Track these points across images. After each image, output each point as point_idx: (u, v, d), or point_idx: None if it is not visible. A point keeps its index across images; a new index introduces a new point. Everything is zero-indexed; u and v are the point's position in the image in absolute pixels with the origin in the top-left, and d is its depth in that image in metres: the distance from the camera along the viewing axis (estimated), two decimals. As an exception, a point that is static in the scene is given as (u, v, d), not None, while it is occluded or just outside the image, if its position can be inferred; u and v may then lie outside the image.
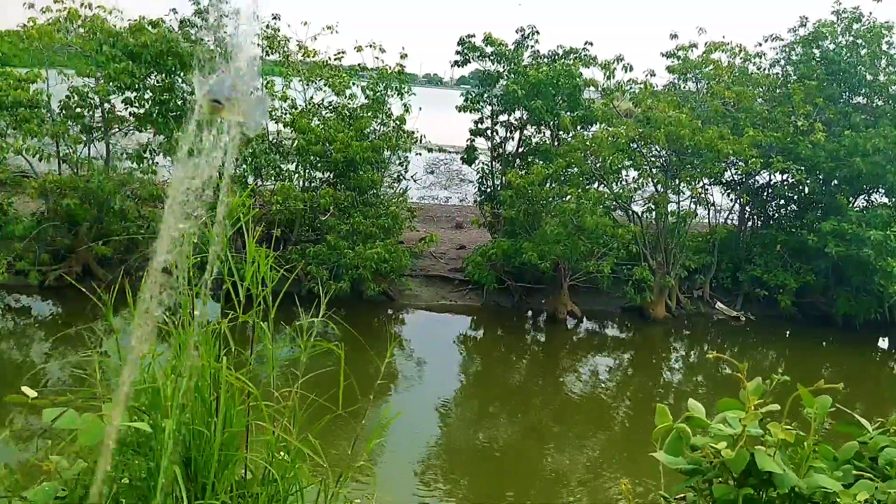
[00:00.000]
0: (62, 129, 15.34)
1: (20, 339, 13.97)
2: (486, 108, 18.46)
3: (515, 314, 17.54)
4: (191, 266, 2.30)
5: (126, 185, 16.15)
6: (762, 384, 2.04)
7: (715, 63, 17.38)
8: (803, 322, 17.99)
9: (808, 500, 1.94)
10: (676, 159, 16.82)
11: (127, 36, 15.65)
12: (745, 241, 19.37)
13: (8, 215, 15.84)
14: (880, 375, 16.39)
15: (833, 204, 17.22)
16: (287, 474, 2.32)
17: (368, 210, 16.17)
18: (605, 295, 17.35)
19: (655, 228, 17.25)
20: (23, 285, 15.38)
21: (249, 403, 2.31)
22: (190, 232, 1.26)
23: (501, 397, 13.21)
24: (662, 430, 2.04)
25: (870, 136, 16.56)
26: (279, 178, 16.75)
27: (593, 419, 12.79)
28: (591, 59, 17.52)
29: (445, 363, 14.37)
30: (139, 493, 2.14)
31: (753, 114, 17.08)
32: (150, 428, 2.06)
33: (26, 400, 2.10)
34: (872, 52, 17.74)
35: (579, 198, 15.76)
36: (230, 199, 2.33)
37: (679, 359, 16.68)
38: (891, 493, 1.92)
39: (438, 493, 9.79)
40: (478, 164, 18.97)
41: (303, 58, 17.72)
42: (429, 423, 11.63)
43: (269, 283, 2.35)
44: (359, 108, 16.91)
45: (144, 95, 16.09)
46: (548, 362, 15.58)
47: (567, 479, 10.54)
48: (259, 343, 2.41)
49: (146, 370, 2.18)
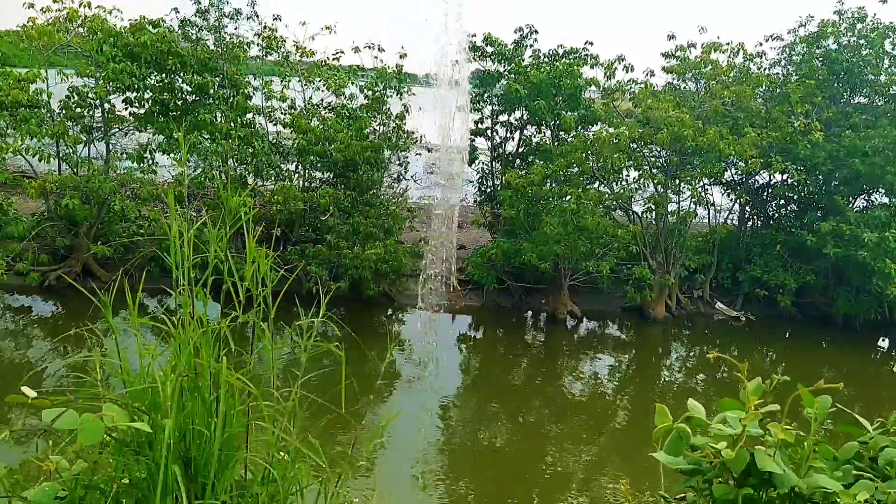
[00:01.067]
0: (62, 129, 15.34)
1: (20, 339, 13.97)
2: (487, 108, 18.47)
3: (515, 314, 17.54)
4: (191, 266, 2.31)
5: (126, 185, 16.16)
6: (762, 384, 2.04)
7: (714, 63, 17.38)
8: (803, 322, 17.99)
9: (808, 500, 1.94)
10: (677, 159, 16.82)
11: (127, 36, 15.65)
12: (745, 241, 19.37)
13: (8, 215, 15.85)
14: (880, 375, 16.39)
15: (833, 204, 17.21)
16: (287, 474, 2.32)
17: (368, 210, 16.17)
18: (605, 295, 17.36)
19: (655, 228, 17.25)
20: (23, 285, 15.39)
21: (249, 403, 2.31)
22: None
23: (501, 397, 13.21)
24: (662, 430, 2.04)
25: (869, 137, 16.55)
26: (279, 178, 16.76)
27: (593, 419, 12.79)
28: (593, 58, 17.51)
29: (445, 363, 14.37)
30: (139, 493, 2.14)
31: (752, 114, 17.07)
32: (149, 428, 2.06)
33: (26, 400, 2.10)
34: (875, 52, 17.73)
35: (579, 198, 15.76)
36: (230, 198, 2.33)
37: (679, 359, 16.68)
38: (891, 493, 1.92)
39: (438, 494, 9.79)
40: (478, 164, 18.97)
41: (301, 58, 17.72)
42: (429, 423, 11.64)
43: (269, 283, 2.35)
44: (358, 108, 16.91)
45: (144, 95, 16.09)
46: (548, 362, 15.58)
47: (567, 478, 10.54)
48: (259, 343, 2.41)
49: (146, 370, 2.18)
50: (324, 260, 15.56)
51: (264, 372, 2.44)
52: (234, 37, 16.69)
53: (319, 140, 16.22)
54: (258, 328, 2.37)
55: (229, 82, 16.20)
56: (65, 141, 15.72)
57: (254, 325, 2.37)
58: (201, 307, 2.28)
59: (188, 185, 14.49)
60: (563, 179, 16.42)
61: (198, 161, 15.53)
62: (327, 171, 17.04)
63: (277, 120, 17.09)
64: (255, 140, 16.05)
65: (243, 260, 2.33)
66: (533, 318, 17.65)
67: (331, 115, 17.02)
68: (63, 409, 1.99)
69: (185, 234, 2.26)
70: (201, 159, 15.47)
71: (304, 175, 17.52)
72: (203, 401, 2.19)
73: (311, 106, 17.41)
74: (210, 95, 16.10)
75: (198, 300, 2.28)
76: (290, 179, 17.00)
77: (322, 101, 17.52)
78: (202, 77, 15.60)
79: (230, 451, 2.22)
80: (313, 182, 17.52)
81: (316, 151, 16.25)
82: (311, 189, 17.16)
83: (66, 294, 15.34)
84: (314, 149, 16.19)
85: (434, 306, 16.25)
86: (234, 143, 15.67)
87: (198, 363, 2.19)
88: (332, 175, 17.05)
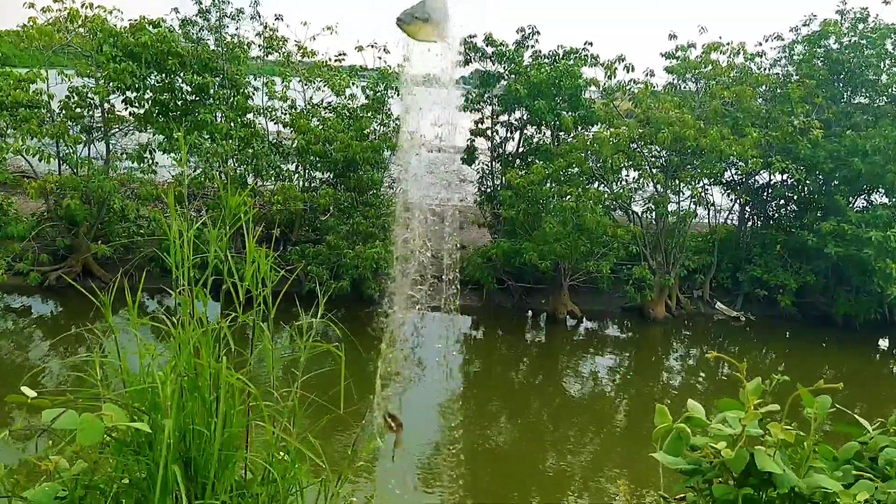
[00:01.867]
0: (62, 129, 15.34)
1: (20, 339, 13.97)
2: (487, 109, 18.46)
3: (515, 314, 17.53)
4: (191, 266, 2.31)
5: (126, 185, 16.16)
6: (762, 384, 2.04)
7: (714, 63, 17.37)
8: (803, 322, 17.98)
9: (808, 500, 1.94)
10: (677, 159, 16.82)
11: (127, 36, 15.65)
12: (745, 241, 19.37)
13: (8, 215, 15.85)
14: (880, 375, 16.39)
15: (833, 204, 17.21)
16: (287, 474, 2.32)
17: (368, 210, 16.17)
18: (605, 295, 17.35)
19: (655, 228, 17.25)
20: (23, 285, 15.39)
21: (249, 403, 2.31)
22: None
23: (501, 397, 13.20)
24: (662, 430, 2.04)
25: (869, 137, 16.54)
26: (279, 178, 16.75)
27: (593, 419, 12.79)
28: (593, 58, 17.50)
29: (446, 363, 14.36)
30: (139, 494, 2.14)
31: (753, 113, 17.07)
32: (149, 428, 2.06)
33: (26, 400, 2.10)
34: (877, 52, 17.72)
35: (579, 197, 15.75)
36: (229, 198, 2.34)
37: (679, 359, 16.68)
38: (891, 494, 1.92)
39: (438, 494, 9.79)
40: (478, 165, 18.96)
41: (302, 58, 17.72)
42: (429, 423, 11.63)
43: (268, 283, 2.35)
44: (359, 109, 16.90)
45: (144, 95, 16.10)
46: (548, 362, 15.57)
47: (567, 478, 10.54)
48: (259, 343, 2.41)
49: (146, 370, 2.18)
50: (324, 260, 15.55)
51: (264, 372, 2.44)
52: (235, 37, 16.69)
53: (320, 140, 16.22)
54: (258, 328, 2.37)
55: (230, 82, 16.20)
56: (65, 141, 15.72)
57: (254, 325, 2.37)
58: (201, 307, 2.28)
59: (188, 186, 14.49)
60: (563, 179, 16.42)
61: (198, 161, 15.53)
62: (327, 171, 17.03)
63: (278, 119, 17.08)
64: (255, 140, 16.05)
65: (243, 260, 2.33)
66: (533, 318, 17.65)
67: (331, 115, 17.02)
68: (63, 410, 1.99)
69: (184, 234, 2.26)
70: (202, 160, 15.47)
71: (304, 175, 17.52)
72: (203, 401, 2.19)
73: (311, 106, 17.41)
74: (210, 95, 16.10)
75: (198, 300, 2.28)
76: (291, 179, 17.00)
77: (322, 101, 17.52)
78: (202, 77, 15.61)
79: (230, 451, 2.22)
80: (313, 182, 17.52)
81: (316, 151, 16.24)
82: (312, 189, 17.16)
83: (66, 294, 15.34)
84: (314, 149, 16.19)
85: (434, 306, 16.23)
86: (234, 143, 15.66)
87: (197, 363, 2.19)
88: (333, 175, 17.05)
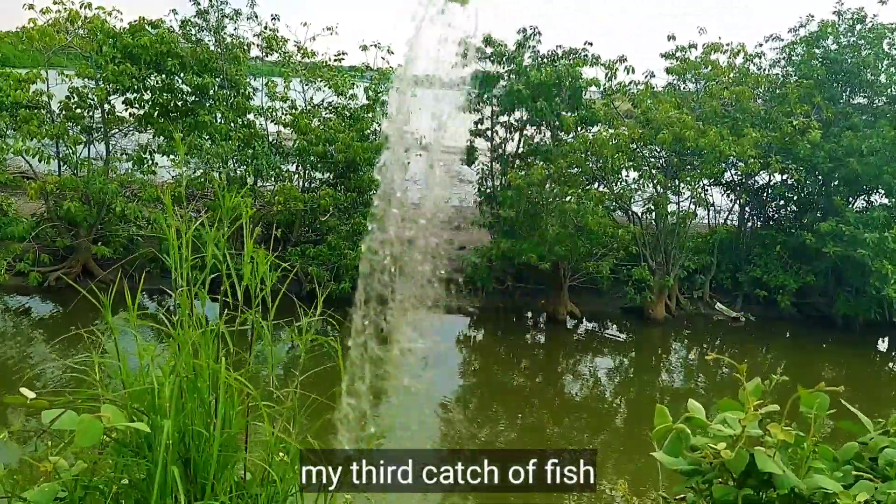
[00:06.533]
0: (62, 129, 15.34)
1: (20, 340, 13.96)
2: (486, 109, 18.44)
3: (515, 314, 17.53)
4: (190, 266, 2.30)
5: (126, 186, 16.16)
6: (761, 385, 2.04)
7: (713, 64, 17.38)
8: (803, 323, 17.97)
9: (808, 500, 1.94)
10: (677, 160, 16.81)
11: (126, 37, 15.64)
12: (745, 242, 19.35)
13: (8, 216, 15.84)
14: (880, 376, 16.39)
15: (832, 205, 17.21)
16: (286, 475, 2.32)
17: (369, 211, 16.14)
18: (605, 295, 17.35)
19: (655, 229, 17.24)
20: (23, 285, 15.38)
21: (248, 404, 2.30)
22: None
23: (501, 398, 13.20)
24: (662, 431, 2.04)
25: (867, 137, 16.54)
26: (279, 178, 16.74)
27: (593, 419, 12.78)
28: (594, 58, 17.48)
29: (445, 363, 14.35)
30: (138, 494, 2.14)
31: (752, 114, 17.07)
32: (149, 429, 2.06)
33: (25, 401, 2.10)
34: (875, 52, 17.72)
35: (580, 198, 15.75)
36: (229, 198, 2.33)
37: (679, 359, 16.67)
38: (891, 494, 1.92)
39: (438, 494, 9.78)
40: (477, 165, 18.95)
41: (302, 58, 17.71)
42: (429, 423, 11.62)
43: (267, 283, 2.35)
44: (360, 109, 16.89)
45: (144, 96, 16.09)
46: (548, 363, 15.57)
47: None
48: (258, 343, 2.41)
49: (145, 370, 2.18)
50: (324, 260, 15.55)
51: (264, 371, 2.44)
52: (235, 37, 16.68)
53: (320, 141, 16.21)
54: (257, 328, 2.37)
55: (229, 83, 16.20)
56: (65, 142, 15.72)
57: (253, 325, 2.37)
58: (200, 307, 2.28)
59: (188, 187, 14.49)
60: (563, 180, 16.41)
61: (198, 162, 15.53)
62: (328, 171, 17.02)
63: (278, 120, 17.07)
64: (255, 141, 16.04)
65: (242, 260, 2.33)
66: (533, 319, 17.64)
67: (332, 115, 17.01)
68: (62, 410, 1.99)
69: (183, 234, 2.26)
70: (202, 161, 15.46)
71: (305, 176, 17.51)
72: (202, 401, 2.19)
73: (311, 106, 17.40)
74: (210, 96, 16.10)
75: (197, 300, 2.28)
76: (291, 180, 16.98)
77: (323, 102, 17.51)
78: (202, 78, 15.60)
79: (229, 451, 2.21)
80: (313, 183, 17.51)
81: (316, 152, 16.23)
82: (312, 190, 17.14)
83: (66, 294, 15.33)
84: (315, 149, 16.18)
85: (434, 306, 16.23)
86: (234, 143, 15.66)
87: (196, 364, 2.18)
88: (333, 176, 17.03)
